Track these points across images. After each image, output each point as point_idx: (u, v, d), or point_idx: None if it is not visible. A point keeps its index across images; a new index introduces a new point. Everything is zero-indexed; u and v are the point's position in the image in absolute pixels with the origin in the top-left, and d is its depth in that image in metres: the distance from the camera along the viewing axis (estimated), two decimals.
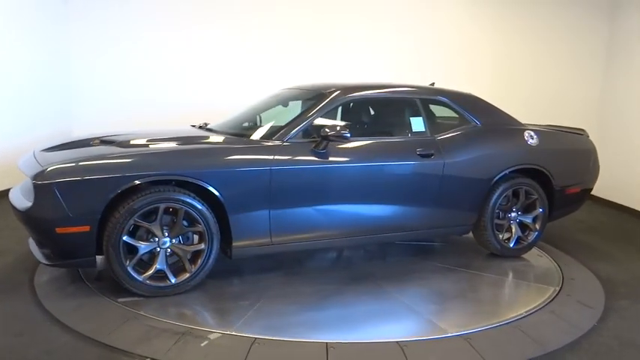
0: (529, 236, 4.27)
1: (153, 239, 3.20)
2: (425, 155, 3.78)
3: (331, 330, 2.98)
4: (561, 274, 3.97)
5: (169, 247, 3.24)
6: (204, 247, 3.29)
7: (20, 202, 3.15)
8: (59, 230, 2.97)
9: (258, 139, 3.58)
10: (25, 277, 3.53)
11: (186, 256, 3.29)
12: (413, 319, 3.17)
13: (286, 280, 3.67)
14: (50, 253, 3.16)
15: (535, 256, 4.37)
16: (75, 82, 6.67)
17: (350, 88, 3.93)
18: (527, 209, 4.26)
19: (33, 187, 2.98)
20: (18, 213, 3.15)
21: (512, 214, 4.21)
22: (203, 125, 4.28)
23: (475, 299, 3.53)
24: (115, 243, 3.06)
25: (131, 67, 6.68)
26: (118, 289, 3.23)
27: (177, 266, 3.32)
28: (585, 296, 3.61)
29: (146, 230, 3.19)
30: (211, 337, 2.78)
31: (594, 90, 7.04)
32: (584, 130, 4.76)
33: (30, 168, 3.19)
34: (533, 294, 3.63)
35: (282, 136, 3.52)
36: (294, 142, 3.52)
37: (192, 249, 3.31)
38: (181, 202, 3.17)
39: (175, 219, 3.22)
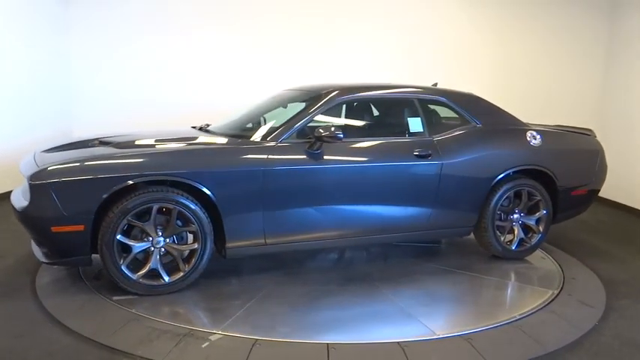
0: (532, 238, 4.21)
1: (147, 239, 3.25)
2: (422, 156, 3.76)
3: (321, 330, 2.96)
4: (562, 273, 3.97)
5: (163, 247, 3.28)
6: (197, 246, 3.32)
7: (18, 201, 3.22)
8: (54, 229, 3.04)
9: (252, 140, 3.59)
10: (27, 278, 3.54)
11: (180, 256, 3.33)
12: (403, 320, 3.14)
13: (282, 280, 3.66)
14: (48, 251, 3.22)
15: (537, 258, 4.31)
16: (75, 82, 6.67)
17: (347, 88, 3.91)
18: (530, 211, 4.21)
19: (29, 187, 3.06)
20: (16, 212, 3.22)
21: (514, 215, 4.16)
22: (204, 126, 4.29)
23: (470, 302, 3.51)
24: (109, 242, 3.12)
25: (131, 68, 6.68)
26: (115, 287, 3.26)
27: (172, 265, 3.36)
28: (586, 296, 3.61)
29: (140, 230, 3.24)
30: (212, 338, 2.79)
31: (595, 90, 7.04)
32: (591, 131, 4.67)
33: (27, 168, 3.26)
34: (532, 297, 3.56)
35: (276, 137, 3.53)
36: (288, 143, 3.53)
37: (186, 249, 3.35)
38: (174, 202, 3.20)
39: (169, 219, 3.26)
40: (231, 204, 3.34)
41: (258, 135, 3.63)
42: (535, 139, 4.17)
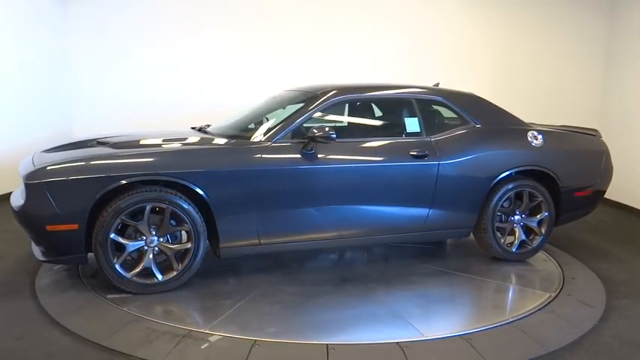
0: (534, 240, 4.15)
1: (141, 238, 3.29)
2: (418, 156, 3.73)
3: (309, 331, 2.94)
4: (562, 274, 3.96)
5: (157, 246, 3.32)
6: (190, 246, 3.34)
7: (16, 201, 3.30)
8: (49, 228, 3.10)
9: (246, 140, 3.60)
10: (26, 279, 3.55)
11: (173, 255, 3.35)
12: (392, 321, 3.10)
13: (276, 280, 3.66)
14: (45, 250, 3.28)
15: (537, 259, 4.25)
16: (75, 83, 6.68)
17: (344, 89, 3.89)
18: (532, 212, 4.15)
19: (24, 187, 3.14)
20: (13, 212, 3.28)
21: (515, 217, 4.10)
22: (204, 127, 4.29)
23: (464, 303, 3.47)
24: (103, 241, 3.16)
25: (131, 68, 6.69)
26: (111, 286, 3.30)
27: (166, 264, 3.39)
28: (586, 296, 3.60)
29: (134, 229, 3.28)
30: (212, 339, 2.79)
31: (595, 89, 7.03)
32: (596, 131, 4.59)
33: (24, 168, 3.32)
34: (529, 299, 3.50)
35: (270, 138, 3.54)
36: (282, 144, 3.53)
37: (179, 248, 3.37)
38: (167, 202, 3.24)
39: (163, 218, 3.29)
40: (225, 204, 3.36)
41: (253, 135, 3.63)
42: (536, 139, 4.11)
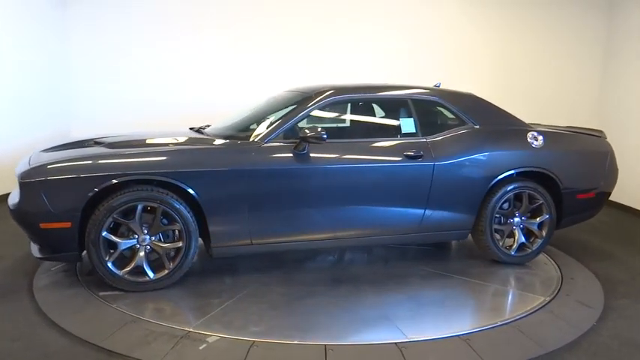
0: (534, 243, 4.08)
1: (133, 236, 3.33)
2: (413, 157, 3.70)
3: (290, 331, 2.92)
4: (561, 274, 3.96)
5: (149, 245, 3.36)
6: (182, 245, 3.38)
7: (12, 199, 3.36)
8: (43, 225, 3.17)
9: (239, 140, 3.61)
10: (24, 281, 3.54)
11: (165, 254, 3.39)
12: (376, 322, 3.09)
13: (269, 280, 3.65)
14: (40, 247, 3.36)
15: (538, 263, 4.17)
16: (74, 83, 6.67)
17: (339, 89, 3.87)
18: (533, 215, 4.08)
19: (18, 185, 3.22)
20: (9, 210, 3.35)
21: (514, 219, 4.04)
22: (202, 128, 4.28)
23: (454, 306, 3.38)
24: (95, 239, 3.22)
25: (131, 69, 6.68)
26: (104, 283, 3.34)
27: (159, 263, 3.42)
28: (585, 296, 3.60)
29: (127, 227, 3.32)
30: (209, 340, 2.78)
31: (594, 89, 7.03)
32: (601, 132, 4.50)
33: (20, 167, 3.39)
34: (523, 303, 3.44)
35: (262, 138, 3.55)
36: (274, 144, 3.53)
37: (171, 247, 3.40)
38: (159, 201, 3.27)
39: (155, 217, 3.33)
40: (216, 204, 3.39)
41: (247, 136, 3.64)
42: (536, 140, 4.05)
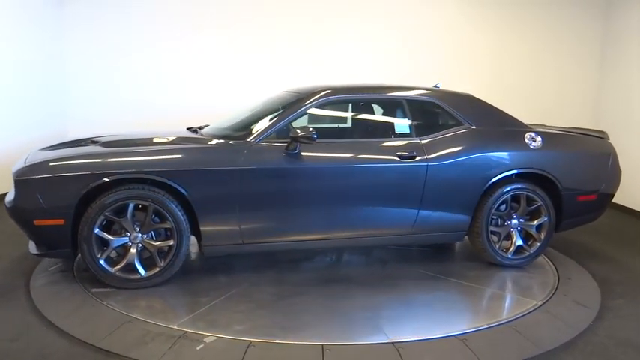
0: (532, 246, 4.04)
1: (125, 234, 3.38)
2: (406, 157, 3.68)
3: (271, 330, 2.93)
4: (557, 273, 3.97)
5: (140, 242, 3.41)
6: (173, 243, 3.41)
7: (9, 196, 3.43)
8: (37, 222, 3.25)
9: (231, 140, 3.62)
10: (21, 281, 3.54)
11: (156, 252, 3.43)
12: (360, 323, 3.07)
13: (260, 280, 3.66)
14: (35, 244, 3.44)
15: (536, 266, 4.11)
16: (71, 83, 6.66)
17: (334, 90, 3.87)
18: (532, 217, 4.04)
19: (14, 183, 3.29)
20: (5, 207, 3.42)
21: (512, 221, 3.99)
22: (200, 128, 4.28)
23: (440, 309, 3.34)
24: (87, 236, 3.27)
25: (128, 69, 6.67)
26: (98, 280, 3.40)
27: (151, 260, 3.46)
28: (581, 296, 3.61)
29: (119, 225, 3.37)
30: (207, 340, 2.79)
31: (594, 89, 7.03)
32: (604, 133, 4.43)
33: (16, 166, 3.46)
34: (513, 308, 3.37)
35: (253, 138, 3.56)
36: (266, 144, 3.55)
37: (162, 245, 3.44)
38: (150, 200, 3.31)
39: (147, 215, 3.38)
40: (206, 203, 3.42)
41: (242, 136, 3.65)
42: (534, 141, 3.99)
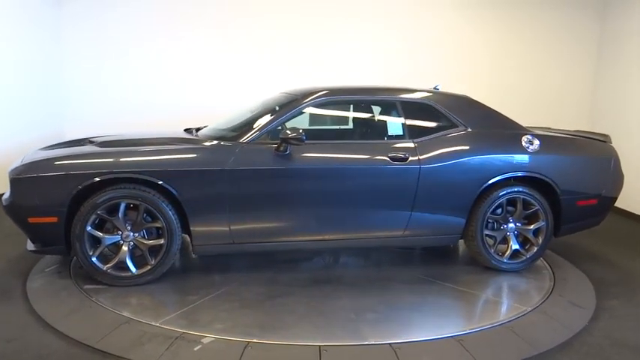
0: (529, 251, 3.97)
1: (117, 232, 3.44)
2: (398, 159, 3.67)
3: (247, 330, 2.93)
4: (553, 275, 3.99)
5: (132, 241, 3.46)
6: (164, 242, 3.46)
7: (5, 195, 3.49)
8: (31, 220, 3.34)
9: (223, 140, 3.64)
10: (18, 282, 3.53)
11: (148, 250, 3.48)
12: (340, 324, 3.05)
13: (250, 279, 3.68)
14: (31, 241, 3.51)
15: (532, 271, 4.04)
16: (69, 83, 6.64)
17: (329, 91, 3.86)
18: (530, 221, 3.98)
19: (9, 181, 3.38)
20: (2, 205, 3.49)
21: (508, 225, 3.95)
22: (197, 129, 4.28)
23: (425, 312, 3.30)
24: (80, 234, 3.34)
25: (127, 69, 6.66)
26: (91, 277, 3.47)
27: (143, 259, 3.51)
28: (577, 297, 3.63)
29: (112, 224, 3.43)
30: (204, 341, 2.79)
31: (589, 90, 7.05)
32: (607, 136, 4.35)
33: (13, 165, 3.53)
34: (495, 312, 3.35)
35: (245, 139, 3.59)
36: (257, 145, 3.57)
37: (153, 244, 3.48)
38: (140, 199, 3.37)
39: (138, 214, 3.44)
40: (196, 203, 3.45)
41: (236, 136, 3.66)
42: (532, 144, 3.93)
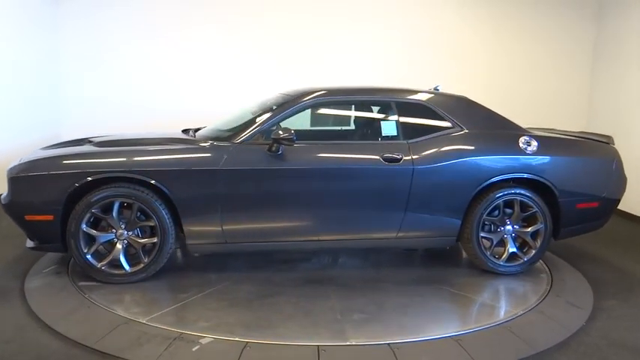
0: (527, 253, 3.92)
1: (112, 231, 3.50)
2: (391, 160, 3.65)
3: (233, 329, 2.93)
4: (551, 275, 4.00)
5: (126, 239, 3.52)
6: (157, 241, 3.50)
7: (4, 194, 3.57)
8: (27, 218, 3.42)
9: (217, 141, 3.66)
10: (16, 283, 3.53)
11: (141, 248, 3.52)
12: (325, 325, 3.05)
13: (244, 278, 3.70)
14: (29, 238, 3.60)
15: (530, 273, 3.99)
16: (65, 86, 6.62)
17: (324, 92, 3.86)
18: (529, 224, 3.93)
19: (7, 180, 3.45)
20: (1, 204, 3.58)
21: (505, 227, 3.89)
22: (195, 130, 4.28)
23: (411, 314, 3.26)
24: (75, 232, 3.40)
25: (126, 69, 6.64)
26: (86, 275, 3.53)
27: (137, 257, 3.56)
28: (574, 297, 3.64)
29: (106, 222, 3.49)
30: (203, 341, 2.79)
31: (585, 91, 7.07)
32: (610, 138, 4.26)
33: (11, 164, 3.59)
34: (479, 318, 3.27)
35: (238, 139, 3.60)
36: (250, 145, 3.58)
37: (146, 242, 3.53)
38: (134, 198, 3.42)
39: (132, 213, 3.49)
40: (189, 203, 3.48)
41: (227, 136, 3.67)
42: (529, 145, 3.87)
